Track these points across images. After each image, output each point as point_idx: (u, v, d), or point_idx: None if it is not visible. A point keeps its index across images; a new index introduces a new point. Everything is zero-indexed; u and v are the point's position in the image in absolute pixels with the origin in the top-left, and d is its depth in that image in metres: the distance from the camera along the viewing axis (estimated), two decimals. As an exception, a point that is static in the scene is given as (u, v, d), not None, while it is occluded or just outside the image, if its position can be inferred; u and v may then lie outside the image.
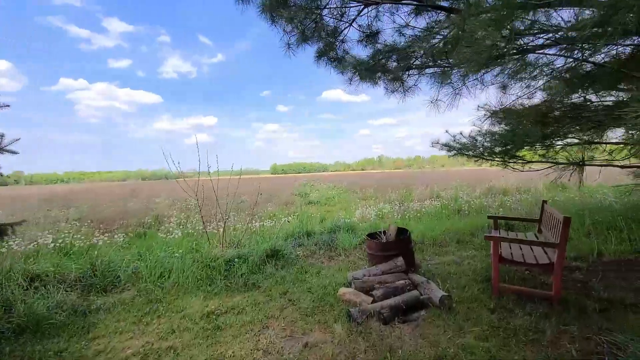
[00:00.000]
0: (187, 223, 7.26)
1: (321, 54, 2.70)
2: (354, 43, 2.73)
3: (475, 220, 5.87)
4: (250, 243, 4.63)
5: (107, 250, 4.47)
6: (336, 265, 3.82)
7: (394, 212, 8.40)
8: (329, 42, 2.60)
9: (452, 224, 5.86)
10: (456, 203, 8.50)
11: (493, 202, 8.28)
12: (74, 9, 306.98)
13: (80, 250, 4.67)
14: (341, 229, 5.85)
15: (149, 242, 5.31)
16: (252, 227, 6.38)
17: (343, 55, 2.77)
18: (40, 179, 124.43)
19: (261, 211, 9.33)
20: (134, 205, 11.51)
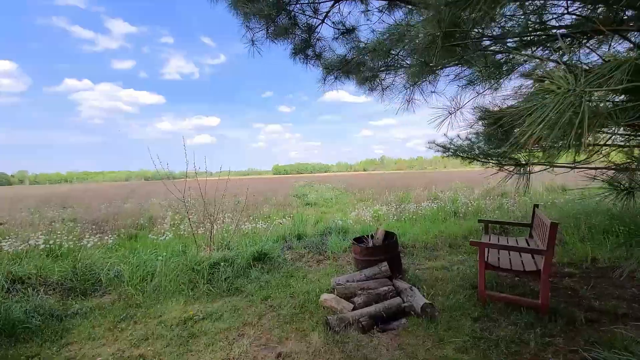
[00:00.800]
0: (180, 224, 7.22)
1: (297, 51, 2.62)
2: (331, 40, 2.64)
3: (470, 223, 5.76)
4: (239, 246, 4.56)
5: (93, 252, 4.42)
6: (323, 270, 3.74)
7: (390, 213, 8.30)
8: (304, 39, 2.52)
9: (446, 226, 5.76)
10: (454, 205, 8.39)
11: (491, 204, 8.16)
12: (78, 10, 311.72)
13: (68, 251, 4.63)
14: (333, 231, 5.77)
15: (137, 244, 5.26)
16: (245, 228, 6.32)
17: (320, 52, 2.68)
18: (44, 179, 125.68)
19: (257, 212, 9.27)
20: (130, 206, 11.49)
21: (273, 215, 8.55)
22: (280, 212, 9.49)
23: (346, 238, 5.10)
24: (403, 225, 6.58)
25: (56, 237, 5.33)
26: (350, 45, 2.63)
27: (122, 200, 13.92)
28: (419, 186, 14.63)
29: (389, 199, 10.22)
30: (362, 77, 2.65)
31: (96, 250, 4.73)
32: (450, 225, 5.84)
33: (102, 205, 11.67)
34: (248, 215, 8.50)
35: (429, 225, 6.10)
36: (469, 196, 9.56)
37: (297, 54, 2.67)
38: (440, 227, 5.80)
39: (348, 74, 2.74)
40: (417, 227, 6.30)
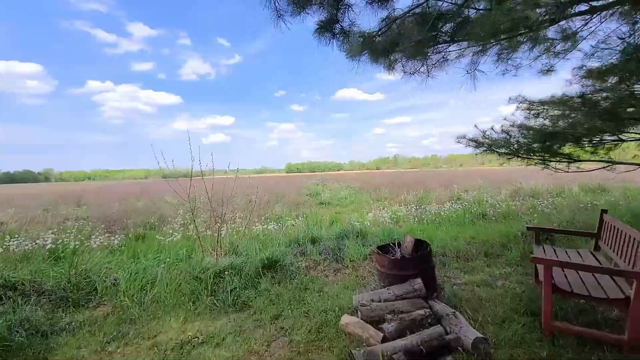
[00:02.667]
0: (190, 224, 6.94)
1: (323, 27, 2.17)
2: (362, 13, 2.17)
3: (504, 227, 5.14)
4: (249, 250, 4.17)
5: (95, 255, 4.14)
6: (342, 281, 3.28)
7: (410, 215, 7.73)
8: (331, 11, 2.07)
9: (476, 231, 5.16)
10: (480, 206, 7.72)
11: (521, 206, 7.45)
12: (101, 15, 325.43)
13: (72, 252, 4.39)
14: (350, 235, 5.30)
15: (143, 245, 4.98)
16: (255, 230, 5.94)
17: (350, 27, 2.22)
18: (69, 176, 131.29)
19: (269, 211, 8.92)
20: (143, 204, 11.43)
21: (285, 215, 8.16)
22: (292, 211, 9.10)
23: (365, 242, 4.62)
24: (426, 229, 6.02)
25: (65, 236, 5.14)
26: (386, 12, 2.14)
27: (136, 198, 13.96)
28: (437, 185, 13.89)
29: (408, 199, 9.63)
30: (410, 54, 2.17)
31: (99, 252, 4.46)
32: (481, 230, 5.24)
33: (116, 203, 11.66)
34: (259, 215, 8.14)
35: (456, 230, 5.52)
36: (495, 196, 8.83)
37: (322, 31, 2.21)
38: (469, 231, 5.21)
39: (378, 56, 2.27)
40: (443, 230, 5.72)
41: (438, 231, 5.61)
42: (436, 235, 5.12)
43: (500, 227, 5.28)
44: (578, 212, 5.91)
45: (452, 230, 5.49)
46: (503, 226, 5.31)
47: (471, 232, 5.08)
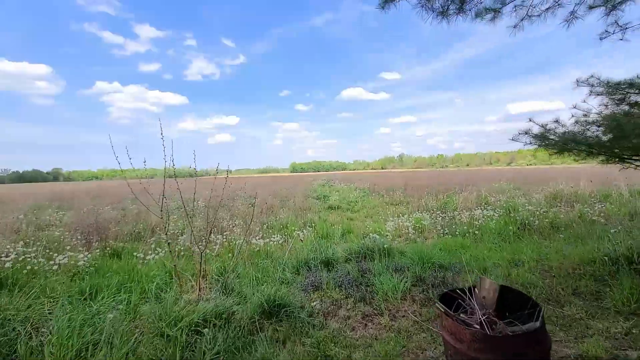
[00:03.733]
0: (180, 235, 5.95)
1: None
2: None
3: (578, 248, 4.00)
4: (243, 282, 3.12)
5: (49, 281, 3.15)
6: (379, 342, 2.21)
7: (436, 224, 6.62)
8: None
9: (536, 251, 4.03)
10: (517, 213, 6.59)
11: (567, 214, 6.29)
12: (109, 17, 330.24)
13: (26, 277, 3.41)
14: (373, 253, 4.22)
15: (115, 265, 3.97)
16: (255, 245, 4.89)
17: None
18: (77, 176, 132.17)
19: (273, 217, 7.88)
20: (136, 208, 10.47)
21: (291, 223, 7.11)
22: (299, 217, 8.05)
23: (397, 267, 3.53)
24: (462, 243, 4.92)
25: (32, 251, 4.19)
26: None
27: (130, 200, 13.03)
28: (452, 186, 12.73)
29: (429, 204, 8.50)
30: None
31: (56, 277, 3.48)
32: (542, 249, 4.12)
33: (107, 207, 10.73)
34: (262, 222, 7.11)
35: (508, 248, 4.40)
36: (531, 201, 7.67)
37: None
38: (526, 250, 4.09)
39: None
40: (486, 247, 4.62)
41: (482, 249, 4.50)
42: (485, 256, 4.01)
43: (572, 248, 4.13)
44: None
45: (502, 249, 4.38)
46: (574, 247, 4.16)
47: (530, 252, 3.96)
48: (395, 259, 4.01)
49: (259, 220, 7.66)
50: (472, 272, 3.23)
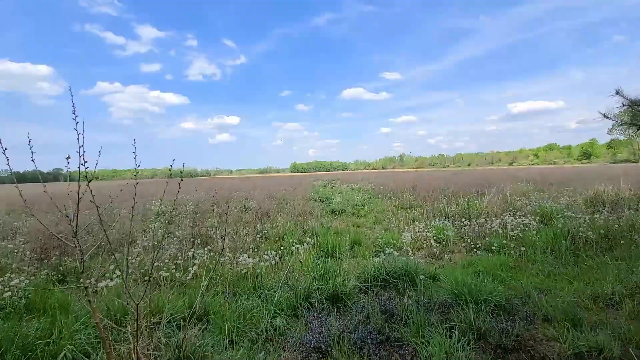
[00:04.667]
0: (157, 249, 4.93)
1: None
2: None
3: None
4: (209, 343, 2.08)
5: None
6: None
7: (462, 233, 5.58)
8: None
9: (617, 277, 2.99)
10: (557, 221, 5.55)
11: (618, 222, 5.23)
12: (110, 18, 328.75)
13: None
14: (398, 280, 3.19)
15: (50, 300, 2.94)
16: (244, 264, 3.85)
17: None
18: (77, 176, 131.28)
19: (268, 224, 6.85)
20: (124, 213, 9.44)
21: (289, 232, 6.07)
22: (299, 224, 7.01)
23: (433, 304, 2.49)
24: (504, 262, 3.86)
25: None
26: None
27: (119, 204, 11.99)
28: (463, 187, 11.68)
29: (447, 209, 7.45)
30: None
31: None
32: (615, 272, 3.07)
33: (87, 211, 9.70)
34: (255, 233, 6.08)
35: (565, 270, 3.34)
36: (573, 205, 6.62)
37: None
38: (595, 274, 3.06)
39: None
40: (537, 269, 3.57)
41: (536, 273, 3.45)
42: (547, 284, 2.96)
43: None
44: None
45: (566, 275, 3.31)
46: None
47: (612, 280, 2.90)
48: (427, 290, 2.97)
49: (252, 228, 6.63)
50: (554, 321, 2.18)
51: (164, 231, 6.04)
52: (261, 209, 8.65)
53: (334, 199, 11.29)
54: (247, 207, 9.55)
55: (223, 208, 9.76)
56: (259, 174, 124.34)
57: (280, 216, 7.80)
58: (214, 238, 5.79)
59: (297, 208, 8.92)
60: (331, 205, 9.89)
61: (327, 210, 9.40)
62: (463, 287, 2.69)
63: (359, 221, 8.04)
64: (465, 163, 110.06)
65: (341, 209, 9.34)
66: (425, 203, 9.16)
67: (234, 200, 11.31)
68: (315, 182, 23.60)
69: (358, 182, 20.48)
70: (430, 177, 22.59)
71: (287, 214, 8.20)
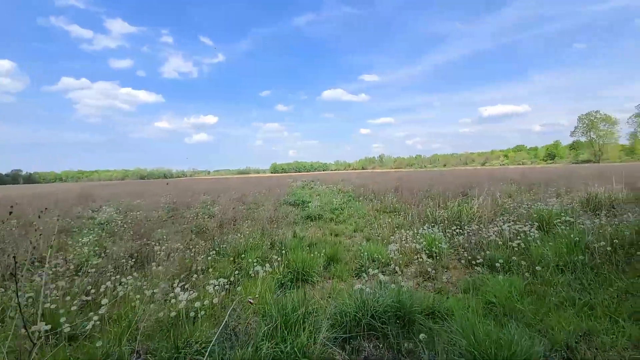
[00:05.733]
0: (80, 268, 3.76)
1: None
2: None
3: None
4: None
5: None
6: None
7: (455, 243, 4.80)
8: None
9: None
10: (555, 227, 4.93)
11: (621, 226, 4.67)
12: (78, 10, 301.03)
13: None
14: (387, 324, 2.26)
15: None
16: (174, 305, 2.77)
17: None
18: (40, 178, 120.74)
19: (233, 233, 5.75)
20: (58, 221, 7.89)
21: (253, 246, 5.00)
22: (267, 234, 5.96)
23: None
24: (515, 286, 3.06)
25: None
26: None
27: (67, 209, 10.28)
28: (444, 188, 11.15)
29: (434, 213, 6.68)
30: None
31: None
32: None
33: (32, 216, 8.05)
34: (210, 248, 4.96)
35: (596, 299, 2.58)
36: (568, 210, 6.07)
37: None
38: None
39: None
40: (559, 298, 2.80)
41: (562, 305, 2.65)
42: (587, 327, 2.16)
43: None
44: None
45: (607, 308, 2.52)
46: None
47: None
48: (430, 337, 2.06)
49: (209, 242, 5.50)
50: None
51: (90, 249, 4.76)
52: (225, 216, 7.49)
53: (311, 202, 10.31)
54: (210, 213, 8.34)
55: (183, 216, 8.49)
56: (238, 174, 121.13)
57: (246, 225, 6.70)
58: (157, 255, 4.62)
59: (267, 214, 7.84)
60: (307, 210, 8.90)
61: (302, 215, 8.40)
62: (485, 345, 1.80)
63: (337, 228, 7.11)
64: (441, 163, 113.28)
65: (318, 214, 8.37)
66: (409, 206, 8.41)
67: (198, 205, 10.01)
68: (294, 183, 22.53)
69: (338, 183, 19.66)
70: (410, 177, 22.18)
71: (255, 221, 7.11)
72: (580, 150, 70.98)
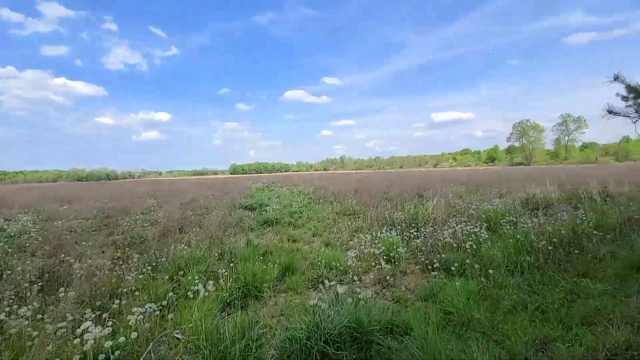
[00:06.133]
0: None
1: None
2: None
3: None
4: None
5: None
6: None
7: (412, 247, 4.76)
8: None
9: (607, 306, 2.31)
10: (504, 227, 5.19)
11: (561, 225, 5.08)
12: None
13: None
14: (344, 348, 1.98)
15: None
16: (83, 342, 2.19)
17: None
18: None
19: (175, 246, 5.07)
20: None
21: (197, 259, 4.43)
22: (217, 243, 5.39)
23: None
24: (472, 292, 3.02)
25: None
26: None
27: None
28: (401, 189, 11.53)
29: (392, 215, 6.69)
30: None
31: None
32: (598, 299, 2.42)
33: None
34: (146, 261, 4.27)
35: (546, 302, 2.60)
36: (511, 210, 6.48)
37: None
38: (592, 312, 2.36)
39: None
40: (511, 302, 2.80)
41: (529, 317, 2.64)
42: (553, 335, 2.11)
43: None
44: None
45: (558, 313, 2.54)
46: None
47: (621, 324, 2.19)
48: None
49: (146, 254, 4.78)
50: None
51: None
52: (170, 223, 6.69)
53: (270, 206, 9.82)
54: (152, 220, 7.41)
55: (120, 222, 7.40)
56: (194, 175, 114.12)
57: (194, 233, 6.03)
58: (75, 275, 3.83)
59: (219, 219, 7.19)
60: (265, 214, 8.41)
61: (259, 220, 7.90)
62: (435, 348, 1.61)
63: (295, 233, 6.77)
64: (398, 165, 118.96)
65: (275, 218, 7.94)
66: (368, 208, 8.41)
67: (139, 211, 8.88)
68: (253, 185, 21.64)
69: (299, 185, 19.33)
70: (369, 178, 22.73)
71: (205, 228, 6.45)
72: (514, 154, 79.89)
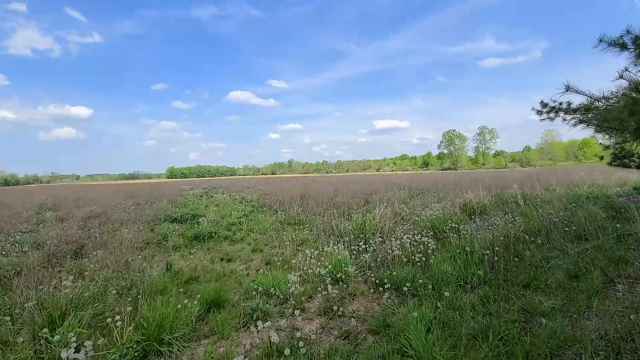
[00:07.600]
0: None
1: None
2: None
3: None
4: None
5: None
6: None
7: (361, 263, 4.34)
8: None
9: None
10: (454, 239, 5.16)
11: (502, 233, 5.26)
12: None
13: None
14: None
15: None
16: None
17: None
18: None
19: (70, 274, 3.74)
20: None
21: (96, 295, 3.28)
22: (121, 274, 4.21)
23: None
24: (426, 317, 2.66)
25: None
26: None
27: None
28: (349, 195, 11.44)
29: (340, 226, 6.27)
30: None
31: None
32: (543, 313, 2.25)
33: None
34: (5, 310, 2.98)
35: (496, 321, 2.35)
36: (443, 213, 6.61)
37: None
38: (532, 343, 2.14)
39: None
40: (470, 329, 2.50)
41: (490, 351, 2.32)
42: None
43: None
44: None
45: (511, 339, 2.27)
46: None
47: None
48: None
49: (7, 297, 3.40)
50: None
51: None
52: (63, 244, 5.17)
53: (205, 216, 8.61)
54: (37, 242, 5.65)
55: None
56: (122, 180, 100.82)
57: (95, 257, 4.70)
58: None
59: (135, 234, 5.86)
60: (196, 228, 7.25)
61: (189, 235, 6.73)
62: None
63: (232, 250, 5.86)
64: (345, 169, 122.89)
65: (210, 231, 6.87)
66: (315, 217, 7.90)
67: (23, 228, 6.82)
68: (190, 191, 19.46)
69: (243, 191, 17.99)
70: (317, 182, 22.49)
71: (111, 250, 5.12)
72: (444, 159, 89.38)
